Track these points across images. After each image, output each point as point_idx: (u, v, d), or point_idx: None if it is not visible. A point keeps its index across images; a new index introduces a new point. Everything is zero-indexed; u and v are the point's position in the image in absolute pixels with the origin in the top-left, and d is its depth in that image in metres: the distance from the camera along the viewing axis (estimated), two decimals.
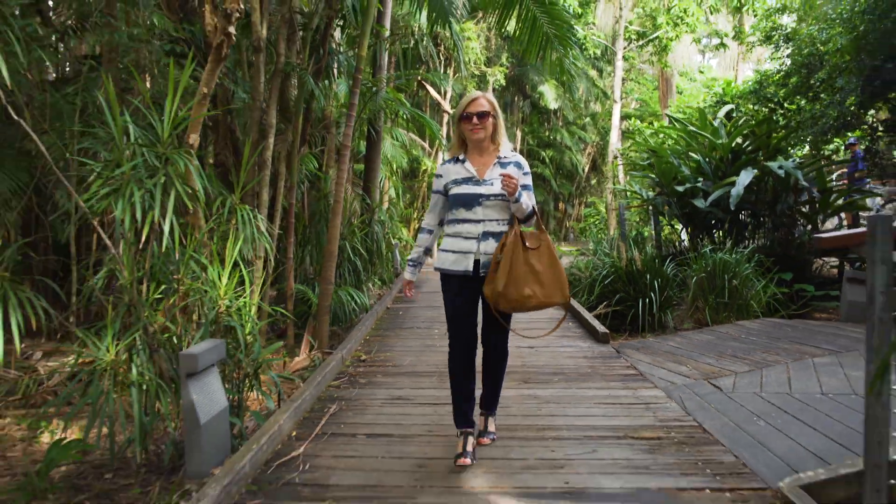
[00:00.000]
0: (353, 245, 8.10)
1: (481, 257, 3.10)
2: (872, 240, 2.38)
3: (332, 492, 2.86)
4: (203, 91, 4.18)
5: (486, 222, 3.09)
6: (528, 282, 3.01)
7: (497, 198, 3.07)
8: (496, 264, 3.01)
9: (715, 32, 16.91)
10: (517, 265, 2.99)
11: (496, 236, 3.09)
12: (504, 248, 3.00)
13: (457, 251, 3.14)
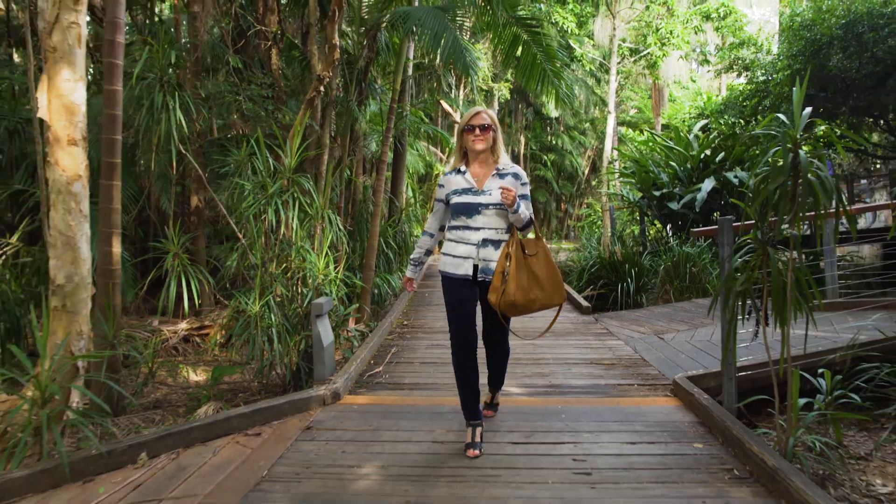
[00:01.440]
0: (386, 240, 9.92)
1: (480, 262, 3.27)
2: (721, 232, 4.18)
3: (405, 386, 4.68)
4: (298, 128, 6.03)
5: (485, 230, 3.26)
6: (532, 287, 3.20)
7: (495, 207, 3.24)
8: (502, 275, 3.19)
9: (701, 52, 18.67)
10: (522, 275, 3.19)
11: (495, 243, 3.26)
12: (508, 258, 3.21)
13: (457, 256, 3.31)
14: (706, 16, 17.37)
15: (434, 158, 17.96)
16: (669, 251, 9.37)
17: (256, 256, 5.31)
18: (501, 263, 3.20)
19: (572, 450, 3.34)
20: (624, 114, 30.58)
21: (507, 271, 3.17)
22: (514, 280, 3.15)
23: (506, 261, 3.19)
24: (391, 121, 8.69)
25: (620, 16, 19.77)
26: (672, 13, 17.25)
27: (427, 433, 3.61)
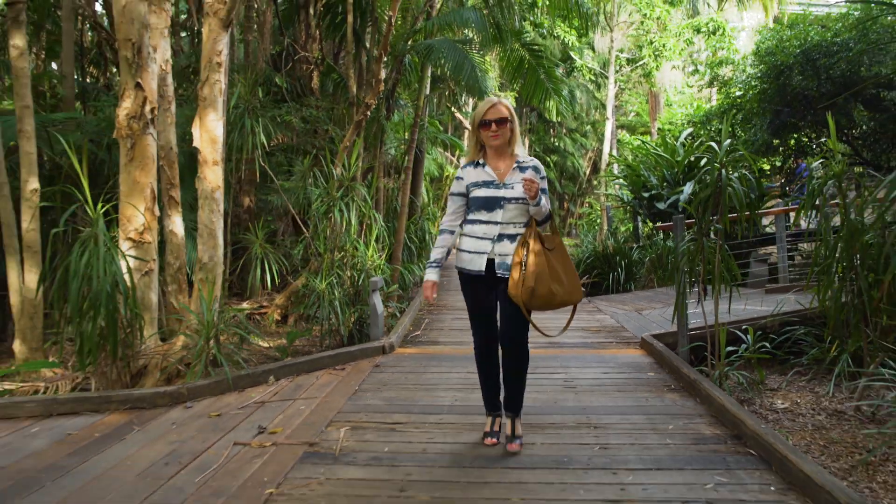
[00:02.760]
0: (409, 236, 11.43)
1: (496, 258, 3.17)
2: (675, 227, 5.68)
3: (439, 342, 6.20)
4: (346, 144, 7.56)
5: (504, 224, 3.16)
6: (553, 280, 3.09)
7: (518, 201, 3.14)
8: (519, 265, 3.08)
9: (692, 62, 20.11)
10: (541, 263, 3.07)
11: (511, 238, 3.16)
12: (526, 249, 3.10)
13: (472, 251, 3.21)
14: (697, 29, 18.84)
15: (445, 161, 19.50)
16: (654, 245, 10.87)
17: (321, 246, 6.82)
18: (519, 253, 3.10)
19: (563, 376, 4.85)
20: (624, 117, 32.05)
21: (525, 261, 3.07)
22: (533, 269, 3.04)
23: (523, 249, 3.10)
24: (414, 133, 10.22)
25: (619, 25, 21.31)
26: (665, 27, 18.74)
27: (461, 368, 5.11)
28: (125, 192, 4.88)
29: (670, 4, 19.47)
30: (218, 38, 4.99)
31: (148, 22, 4.79)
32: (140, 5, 4.70)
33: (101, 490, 2.88)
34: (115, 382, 4.62)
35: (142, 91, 4.75)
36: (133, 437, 3.59)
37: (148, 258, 4.93)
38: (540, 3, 11.09)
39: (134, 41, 4.67)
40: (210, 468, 3.11)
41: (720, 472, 3.01)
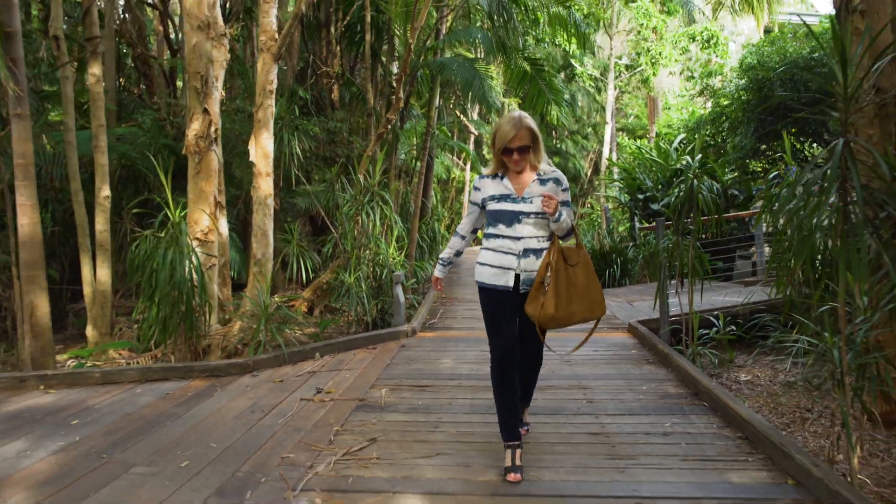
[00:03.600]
0: (420, 235, 12.38)
1: (522, 273, 3.10)
2: (657, 228, 6.61)
3: (455, 328, 7.15)
4: (369, 154, 8.50)
5: (525, 239, 3.09)
6: (572, 300, 3.04)
7: (538, 216, 3.08)
8: (541, 285, 3.03)
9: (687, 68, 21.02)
10: (562, 286, 3.02)
11: (536, 252, 3.10)
12: (549, 268, 3.04)
13: (497, 266, 3.14)
14: (692, 37, 19.74)
15: (452, 164, 20.45)
16: (648, 244, 11.80)
17: (348, 244, 7.77)
18: (541, 273, 3.04)
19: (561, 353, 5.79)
20: (624, 119, 32.96)
21: (547, 281, 3.01)
22: (553, 292, 2.98)
23: (546, 271, 3.04)
24: (427, 141, 11.17)
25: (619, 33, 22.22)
26: (661, 36, 19.65)
27: (475, 348, 6.05)
28: (192, 199, 5.84)
29: (667, 14, 20.43)
30: (270, 70, 5.95)
31: (212, 57, 5.74)
32: (207, 44, 5.65)
33: (209, 428, 3.84)
34: (187, 358, 5.58)
35: (208, 115, 5.70)
36: (219, 395, 4.55)
37: (212, 255, 5.89)
38: (542, 20, 12.01)
39: (202, 74, 5.63)
40: (286, 415, 4.06)
41: (677, 416, 3.96)
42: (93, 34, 6.53)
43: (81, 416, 4.10)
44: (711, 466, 3.18)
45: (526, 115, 3.11)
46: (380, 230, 8.03)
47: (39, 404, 4.38)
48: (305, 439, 3.60)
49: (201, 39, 5.60)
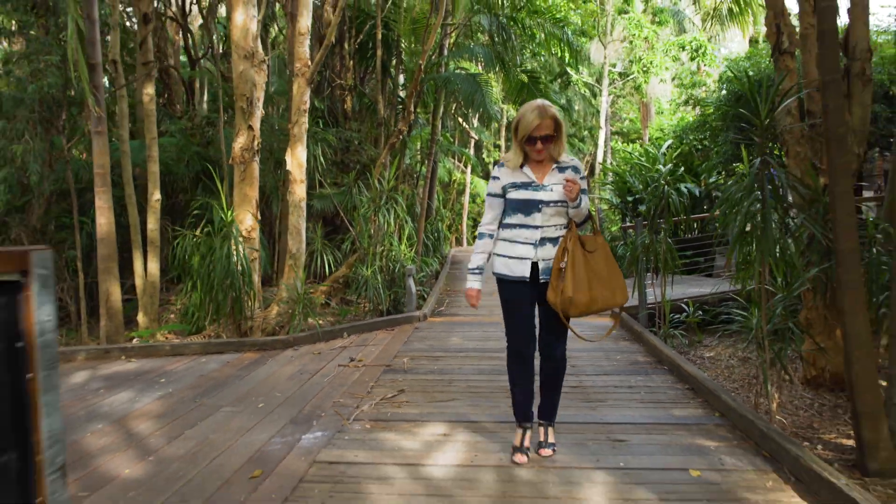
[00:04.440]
0: (426, 234, 13.41)
1: (540, 262, 3.05)
2: (637, 227, 7.63)
3: (460, 314, 8.17)
4: (381, 162, 9.53)
5: (544, 228, 3.05)
6: (593, 285, 2.97)
7: (557, 204, 3.03)
8: (559, 271, 2.97)
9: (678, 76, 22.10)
10: (580, 270, 2.95)
11: (553, 241, 3.05)
12: (566, 253, 2.98)
13: (514, 256, 3.09)
14: (682, 46, 20.79)
15: (453, 167, 21.49)
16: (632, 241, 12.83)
17: (365, 242, 8.79)
18: (558, 258, 2.99)
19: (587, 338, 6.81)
20: (619, 123, 34.01)
21: (564, 267, 2.96)
22: (571, 276, 2.92)
23: (563, 255, 2.98)
24: (432, 147, 12.19)
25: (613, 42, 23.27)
26: (652, 46, 20.70)
27: (478, 330, 7.07)
28: (238, 202, 6.85)
29: (658, 24, 21.49)
30: (304, 92, 6.98)
31: (255, 82, 6.76)
32: (251, 70, 6.67)
33: (271, 384, 4.86)
34: (234, 337, 6.60)
35: (251, 131, 6.72)
36: (270, 363, 5.57)
37: (255, 249, 6.90)
38: (538, 36, 13.04)
39: (248, 96, 6.65)
40: (329, 376, 5.08)
41: (641, 376, 4.98)
42: (147, 59, 7.54)
43: (165, 376, 5.12)
44: (662, 406, 4.21)
45: (549, 104, 3.04)
46: (393, 229, 9.05)
47: (127, 369, 5.41)
48: (348, 391, 4.62)
49: (247, 67, 6.62)
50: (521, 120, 3.02)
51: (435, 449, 3.43)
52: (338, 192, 9.61)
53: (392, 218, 8.63)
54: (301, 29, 6.98)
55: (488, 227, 3.23)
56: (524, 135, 3.00)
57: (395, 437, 3.62)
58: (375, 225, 8.67)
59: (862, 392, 3.34)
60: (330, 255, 8.90)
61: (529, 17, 12.00)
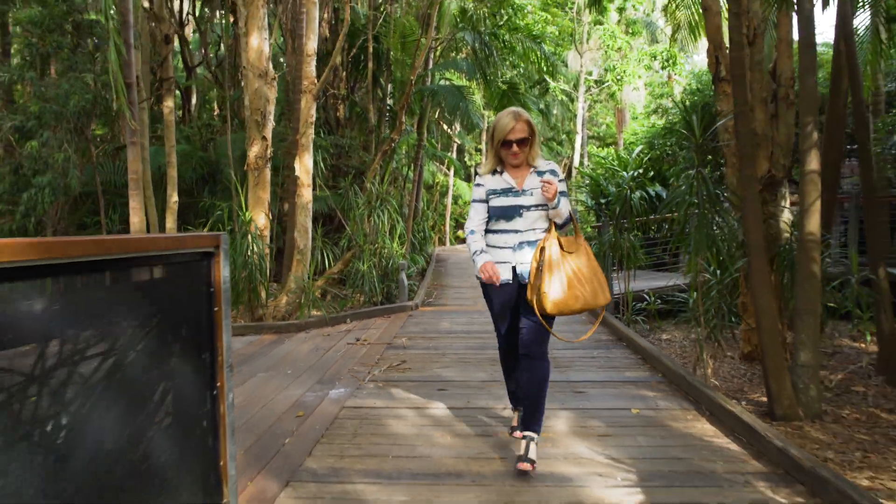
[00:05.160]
0: (413, 233, 14.34)
1: (518, 266, 3.12)
2: (604, 227, 8.64)
3: (448, 305, 9.13)
4: (374, 167, 10.45)
5: (523, 232, 3.12)
6: (573, 285, 2.97)
7: (537, 208, 3.10)
8: (537, 270, 3.00)
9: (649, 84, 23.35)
10: (557, 269, 2.96)
11: (532, 244, 3.11)
12: (543, 253, 3.01)
13: (495, 261, 3.13)
14: (654, 56, 21.94)
15: (436, 170, 22.46)
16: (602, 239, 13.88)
17: (361, 240, 9.70)
18: (536, 258, 3.03)
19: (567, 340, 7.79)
20: (596, 128, 35.20)
21: (541, 265, 2.99)
22: (548, 275, 2.95)
23: (540, 255, 3.02)
24: (419, 153, 13.13)
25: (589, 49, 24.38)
26: (625, 56, 21.85)
27: (464, 317, 8.01)
28: (252, 204, 7.73)
29: (631, 35, 22.64)
30: (311, 107, 7.88)
31: (268, 97, 7.65)
32: (264, 87, 7.56)
33: (292, 358, 5.77)
34: (250, 322, 7.48)
35: (265, 141, 7.61)
36: (288, 342, 6.47)
37: (267, 245, 7.79)
38: (517, 49, 14.03)
39: (261, 110, 7.54)
40: (341, 351, 6.00)
41: (602, 349, 5.96)
42: (168, 76, 8.39)
43: None
44: (616, 370, 5.19)
45: (523, 111, 3.14)
46: (386, 228, 9.98)
47: None
48: (359, 362, 5.54)
49: (261, 84, 7.51)
50: (497, 125, 3.13)
51: (436, 398, 4.38)
52: (335, 195, 10.51)
53: (385, 218, 9.55)
54: (308, 51, 7.89)
55: (476, 227, 3.24)
56: (500, 138, 3.10)
57: (403, 391, 4.56)
58: (371, 225, 9.59)
59: (769, 354, 4.34)
60: (329, 252, 9.78)
61: (509, 34, 13.00)
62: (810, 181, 4.41)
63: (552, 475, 3.07)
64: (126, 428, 1.82)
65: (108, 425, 1.74)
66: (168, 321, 2.08)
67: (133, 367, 1.88)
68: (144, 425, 1.92)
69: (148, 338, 1.94)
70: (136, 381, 1.89)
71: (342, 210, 10.23)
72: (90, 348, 1.72)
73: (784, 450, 3.11)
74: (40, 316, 1.47)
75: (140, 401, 1.90)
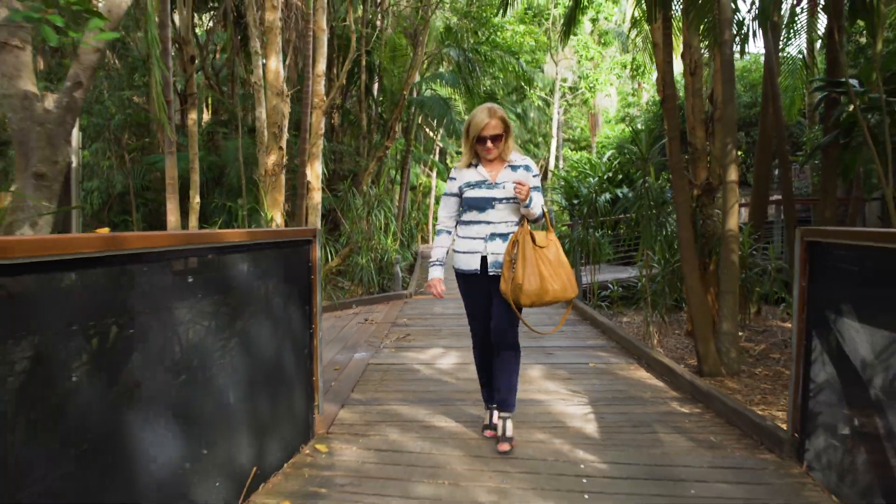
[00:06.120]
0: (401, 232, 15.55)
1: (489, 256, 3.23)
2: (574, 225, 9.95)
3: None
4: (370, 171, 11.67)
5: (495, 224, 3.22)
6: (544, 278, 3.07)
7: (510, 201, 3.19)
8: (510, 262, 3.09)
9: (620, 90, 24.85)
10: (530, 262, 3.05)
11: (503, 237, 3.21)
12: (516, 245, 3.10)
13: (466, 251, 3.30)
14: (624, 65, 23.39)
15: (420, 171, 23.69)
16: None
17: (359, 237, 10.91)
18: (509, 251, 3.11)
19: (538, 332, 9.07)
20: (571, 131, 36.68)
21: (515, 258, 3.07)
22: (522, 266, 3.03)
23: (513, 248, 3.10)
24: (407, 158, 14.35)
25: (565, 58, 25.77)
26: (597, 65, 23.30)
27: (455, 302, 9.20)
28: (270, 205, 8.89)
29: (603, 45, 24.09)
30: (320, 121, 9.08)
31: (284, 112, 8.83)
32: (281, 104, 8.73)
33: None
34: None
35: (281, 150, 8.78)
36: None
37: None
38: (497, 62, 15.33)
39: (278, 124, 8.71)
40: (354, 329, 7.21)
41: (569, 326, 7.25)
42: (192, 90, 9.49)
43: None
44: (580, 339, 6.48)
45: (498, 107, 3.20)
46: (381, 227, 11.20)
47: None
48: (372, 335, 6.77)
49: (278, 102, 8.68)
50: (472, 120, 3.20)
51: (439, 358, 5.63)
52: (334, 197, 11.70)
53: (382, 218, 10.77)
54: (318, 72, 9.07)
55: (445, 224, 3.44)
56: (475, 134, 3.17)
57: (413, 354, 5.81)
58: (368, 223, 10.80)
59: (698, 324, 5.63)
60: (332, 248, 10.97)
61: (490, 50, 14.29)
62: (730, 189, 5.71)
63: (530, 400, 4.35)
64: (271, 346, 3.06)
65: (263, 342, 2.99)
66: (288, 282, 3.32)
67: (272, 309, 3.11)
68: (280, 345, 3.16)
69: (278, 293, 3.18)
70: (275, 317, 3.14)
71: (341, 210, 11.41)
72: (250, 297, 2.96)
73: (691, 381, 4.42)
74: (222, 278, 2.71)
75: (276, 330, 3.13)
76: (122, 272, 1.94)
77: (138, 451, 2.01)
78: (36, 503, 1.59)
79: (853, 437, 2.68)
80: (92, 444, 1.79)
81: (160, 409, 2.13)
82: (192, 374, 2.34)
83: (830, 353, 2.87)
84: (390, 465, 3.20)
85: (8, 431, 1.51)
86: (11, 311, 1.54)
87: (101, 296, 1.88)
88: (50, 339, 1.66)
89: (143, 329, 2.04)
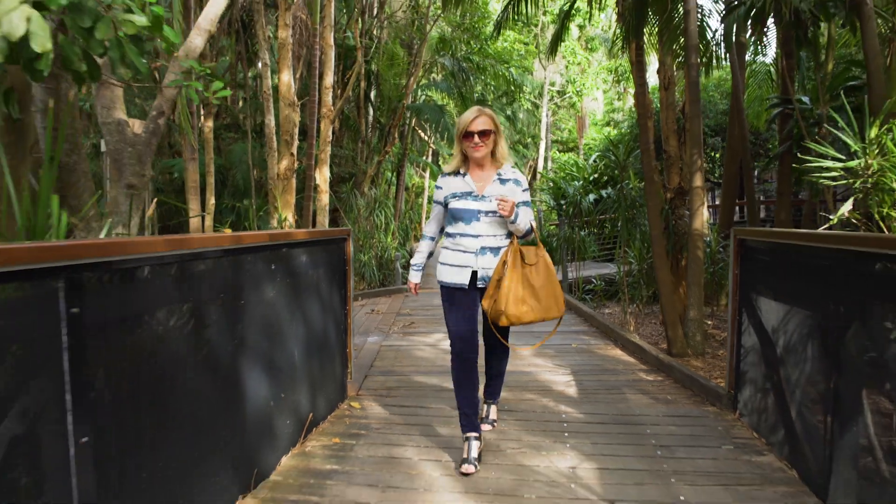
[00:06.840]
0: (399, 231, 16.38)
1: (479, 270, 3.14)
2: (561, 224, 10.83)
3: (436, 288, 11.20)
4: (370, 174, 12.49)
5: (483, 237, 3.12)
6: (527, 299, 3.05)
7: (495, 214, 3.09)
8: (497, 282, 3.05)
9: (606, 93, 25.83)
10: (516, 284, 3.03)
11: (494, 251, 3.13)
12: (504, 265, 3.05)
13: (455, 264, 3.20)
14: (610, 70, 24.30)
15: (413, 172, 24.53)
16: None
17: (362, 236, 11.72)
18: (498, 271, 3.06)
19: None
20: (560, 132, 37.63)
21: (501, 278, 3.04)
22: (506, 289, 3.00)
23: (503, 268, 3.05)
24: (403, 161, 15.17)
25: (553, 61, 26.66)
26: (584, 70, 24.21)
27: None
28: (282, 205, 9.69)
29: (590, 51, 25.01)
30: (328, 129, 9.89)
31: (294, 121, 9.62)
32: (292, 114, 9.53)
33: None
34: None
35: (292, 156, 9.58)
36: None
37: None
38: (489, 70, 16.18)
39: (290, 132, 9.51)
40: (363, 318, 8.03)
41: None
42: (209, 101, 10.28)
43: None
44: (565, 325, 7.34)
45: (488, 108, 3.21)
46: (382, 226, 12.02)
47: None
48: (381, 323, 7.60)
49: (290, 112, 9.48)
50: (461, 120, 3.18)
51: (442, 341, 6.48)
52: (337, 199, 12.50)
53: (382, 218, 11.59)
54: (326, 84, 9.88)
55: (431, 232, 3.50)
56: (462, 130, 3.11)
57: (419, 338, 6.65)
58: (370, 223, 11.62)
59: (667, 311, 6.50)
60: None
61: (482, 59, 15.14)
62: (696, 194, 6.58)
63: (521, 371, 5.20)
64: (321, 320, 3.90)
65: (315, 317, 3.83)
66: (330, 271, 4.16)
67: (321, 292, 3.95)
68: (326, 320, 4.00)
69: (324, 279, 4.02)
70: (322, 298, 3.97)
71: (343, 210, 12.22)
72: (307, 281, 3.80)
73: (656, 356, 5.29)
74: (291, 266, 3.56)
75: (323, 308, 3.97)
76: (238, 261, 2.78)
77: (247, 385, 2.85)
78: (195, 403, 2.44)
79: (767, 389, 3.54)
80: (224, 371, 2.64)
81: (258, 359, 2.97)
82: (275, 337, 3.18)
83: (755, 325, 3.74)
84: (412, 416, 4.05)
85: (190, 356, 2.35)
86: (185, 286, 2.38)
87: (228, 276, 2.72)
88: (202, 303, 2.50)
89: (248, 301, 2.88)
